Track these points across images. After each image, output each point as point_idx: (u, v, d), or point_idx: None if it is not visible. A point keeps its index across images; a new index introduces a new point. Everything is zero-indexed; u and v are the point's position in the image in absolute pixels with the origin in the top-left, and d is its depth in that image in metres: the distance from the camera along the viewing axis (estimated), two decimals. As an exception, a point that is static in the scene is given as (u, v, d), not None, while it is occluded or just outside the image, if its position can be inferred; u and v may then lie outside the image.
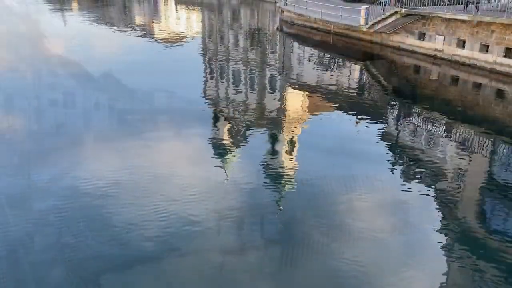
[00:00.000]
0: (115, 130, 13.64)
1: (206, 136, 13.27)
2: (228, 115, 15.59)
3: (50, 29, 36.39)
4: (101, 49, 28.18)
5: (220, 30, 37.42)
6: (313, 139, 13.33)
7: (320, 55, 26.47)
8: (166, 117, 14.97)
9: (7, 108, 15.68)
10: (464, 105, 17.13)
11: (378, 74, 22.16)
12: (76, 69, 21.54)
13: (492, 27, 19.24)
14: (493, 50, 19.50)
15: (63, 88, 17.93)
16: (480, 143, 13.46)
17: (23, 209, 9.14)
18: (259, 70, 22.08)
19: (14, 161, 11.38)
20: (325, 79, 20.56)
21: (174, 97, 17.06)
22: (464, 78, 19.97)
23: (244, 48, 28.85)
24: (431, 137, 13.60)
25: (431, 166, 11.30)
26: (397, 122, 15.30)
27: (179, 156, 11.89)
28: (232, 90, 18.84)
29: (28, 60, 23.85)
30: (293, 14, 33.99)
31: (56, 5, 60.35)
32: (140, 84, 18.66)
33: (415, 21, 23.11)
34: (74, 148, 12.15)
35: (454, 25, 21.05)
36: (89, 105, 15.90)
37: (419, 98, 17.76)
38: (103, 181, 10.14)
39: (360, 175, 10.83)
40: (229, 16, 46.98)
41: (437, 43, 22.19)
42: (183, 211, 8.97)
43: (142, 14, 49.92)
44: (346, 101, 17.07)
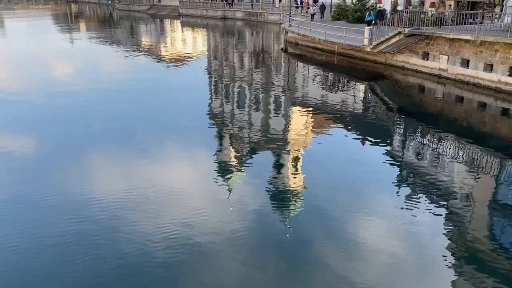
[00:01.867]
0: (120, 149, 13.66)
1: (211, 155, 13.26)
2: (233, 134, 15.61)
3: (58, 49, 36.97)
4: (107, 68, 28.52)
5: (225, 50, 37.85)
6: (318, 158, 13.27)
7: (325, 75, 26.64)
8: (171, 136, 15.00)
9: (14, 126, 15.80)
10: (470, 124, 17.08)
11: (382, 93, 22.21)
12: (82, 88, 21.79)
13: (496, 46, 19.34)
14: (497, 69, 19.55)
15: (69, 106, 18.13)
16: (487, 162, 13.35)
17: (24, 228, 9.10)
18: (264, 90, 22.22)
19: (18, 179, 11.41)
20: (330, 99, 20.62)
21: (179, 116, 17.13)
22: (469, 97, 19.98)
23: (249, 68, 29.11)
24: (437, 156, 13.52)
25: (438, 185, 11.20)
26: (403, 141, 15.26)
27: (183, 176, 11.86)
28: (237, 109, 18.93)
29: (36, 79, 24.16)
30: (297, 35, 34.39)
31: (64, 25, 61.49)
32: (145, 103, 18.85)
33: (418, 41, 23.29)
34: (79, 166, 12.17)
35: (458, 44, 21.18)
36: (95, 123, 15.98)
37: (424, 117, 17.74)
38: (107, 200, 10.13)
39: (367, 194, 10.75)
40: (234, 37, 47.56)
41: (441, 63, 22.30)
42: (188, 231, 8.91)
43: (148, 35, 50.65)
44: (351, 121, 17.07)
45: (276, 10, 56.99)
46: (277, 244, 8.66)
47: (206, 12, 65.98)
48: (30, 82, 23.58)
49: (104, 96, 20.36)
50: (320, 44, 30.86)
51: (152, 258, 8.08)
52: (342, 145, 14.54)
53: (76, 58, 32.93)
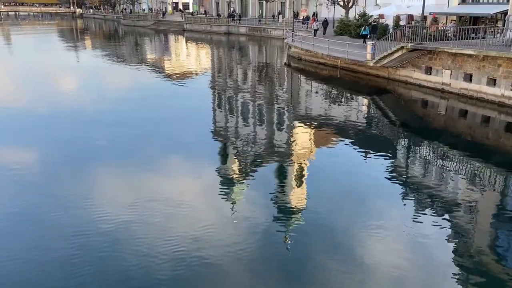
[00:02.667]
0: (124, 162, 13.67)
1: (215, 169, 13.25)
2: (237, 147, 15.62)
3: (63, 64, 37.37)
4: (112, 83, 28.77)
5: (229, 65, 38.13)
6: (322, 172, 13.23)
7: (328, 89, 26.74)
8: (175, 150, 15.02)
9: (18, 139, 15.89)
10: (473, 139, 17.03)
11: (386, 107, 22.23)
12: (87, 102, 21.95)
13: (499, 61, 19.39)
14: (500, 83, 19.56)
15: (74, 120, 18.24)
16: (491, 176, 13.26)
17: (27, 241, 9.08)
18: (268, 104, 22.29)
19: (21, 191, 11.43)
20: (333, 113, 20.66)
21: (183, 129, 17.19)
22: (472, 112, 19.96)
23: (252, 82, 29.27)
24: (441, 170, 13.46)
25: (443, 200, 11.13)
26: (406, 155, 15.21)
27: (187, 189, 11.84)
28: (241, 123, 18.97)
29: (41, 93, 24.37)
30: (300, 50, 34.64)
31: (70, 40, 62.23)
32: (150, 117, 18.93)
33: (421, 55, 23.39)
34: (83, 180, 12.19)
35: (461, 59, 21.25)
36: (99, 136, 16.04)
37: (427, 131, 17.70)
38: (111, 214, 10.12)
39: (371, 209, 10.68)
40: (237, 52, 47.95)
41: (444, 77, 22.35)
42: (192, 245, 8.86)
43: (153, 50, 51.15)
44: (355, 135, 17.06)
45: (279, 26, 57.55)
46: (281, 258, 8.58)
47: (210, 28, 66.69)
48: (35, 96, 23.78)
49: (108, 110, 20.48)
50: (323, 59, 31.05)
51: (156, 271, 8.03)
52: (346, 159, 14.49)
53: (81, 72, 33.24)
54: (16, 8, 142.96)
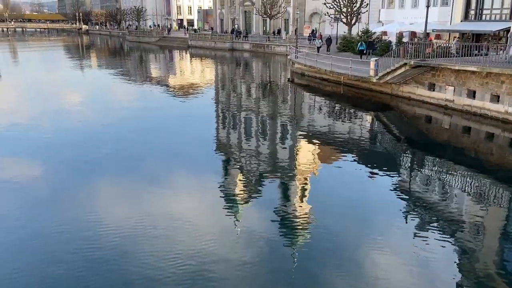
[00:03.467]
0: (128, 178, 13.70)
1: (218, 184, 13.22)
2: (240, 163, 15.61)
3: (68, 79, 37.72)
4: (117, 98, 28.96)
5: (233, 80, 38.37)
6: (326, 188, 13.19)
7: (331, 105, 26.82)
8: (178, 165, 15.04)
9: (24, 153, 15.97)
10: (478, 155, 16.97)
11: (389, 124, 22.24)
12: (92, 117, 22.10)
13: (502, 78, 19.42)
14: (504, 100, 19.56)
15: (78, 134, 18.35)
16: (496, 193, 13.17)
17: (31, 255, 9.06)
18: (271, 119, 22.35)
19: (26, 205, 11.44)
20: (337, 129, 20.67)
21: (187, 145, 17.22)
22: (476, 128, 19.92)
23: (256, 98, 29.40)
24: (445, 187, 13.38)
25: (447, 216, 11.04)
26: (410, 172, 15.15)
27: (190, 205, 11.83)
28: (244, 138, 19.00)
29: (47, 108, 24.55)
30: (303, 66, 34.87)
31: (76, 56, 62.92)
32: (154, 132, 19.00)
33: (424, 72, 23.47)
34: (87, 195, 12.22)
35: (464, 76, 21.31)
36: (104, 151, 16.10)
37: (432, 147, 17.65)
38: (115, 229, 10.11)
39: (375, 225, 10.61)
40: (241, 68, 48.30)
41: (447, 94, 22.38)
42: (196, 261, 8.82)
43: (157, 66, 51.61)
44: (359, 151, 17.04)
45: (282, 42, 58.05)
46: (285, 275, 8.51)
47: (214, 44, 67.34)
48: (41, 111, 23.96)
49: (113, 125, 20.60)
50: (326, 75, 31.21)
51: (160, 285, 7.97)
52: (350, 175, 14.44)
53: (86, 88, 33.53)
54: (23, 25, 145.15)
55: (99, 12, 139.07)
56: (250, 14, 76.97)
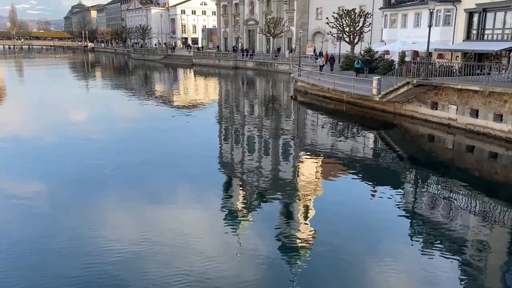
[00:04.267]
0: (131, 194, 13.71)
1: (221, 202, 13.18)
2: (243, 180, 15.57)
3: (73, 96, 38.04)
4: (121, 115, 29.11)
5: (236, 98, 38.58)
6: (329, 207, 13.10)
7: (334, 123, 26.85)
8: (181, 182, 15.04)
9: (27, 169, 16.01)
10: (482, 174, 16.87)
11: (392, 142, 22.21)
12: (96, 133, 22.17)
13: (505, 97, 19.44)
14: (507, 119, 19.54)
15: (82, 151, 18.41)
16: (501, 213, 13.05)
17: (33, 273, 9.00)
18: (274, 137, 22.38)
19: (28, 223, 11.41)
20: (340, 147, 20.65)
21: (190, 162, 17.21)
22: (479, 147, 19.86)
23: (259, 115, 29.50)
24: (449, 206, 13.27)
25: (452, 237, 10.92)
26: (414, 191, 15.06)
27: (193, 222, 11.78)
28: (247, 156, 18.99)
29: (51, 125, 24.70)
30: (306, 84, 35.07)
31: (81, 73, 63.54)
32: (157, 148, 19.05)
33: (427, 91, 23.54)
34: (90, 211, 12.20)
35: (466, 95, 21.35)
36: (107, 167, 16.12)
37: (435, 166, 17.57)
38: (117, 246, 10.07)
39: (379, 244, 10.50)
40: (245, 86, 48.62)
41: (450, 112, 22.39)
42: (198, 279, 8.73)
43: (162, 83, 52.01)
44: (362, 169, 16.97)
45: (286, 60, 58.52)
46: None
47: (218, 62, 67.97)
48: (45, 127, 24.12)
49: (116, 142, 20.68)
50: (328, 93, 31.34)
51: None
52: (353, 194, 14.37)
53: (91, 105, 33.76)
54: (30, 42, 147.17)
55: (105, 30, 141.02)
56: (253, 33, 77.84)
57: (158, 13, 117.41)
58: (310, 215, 12.52)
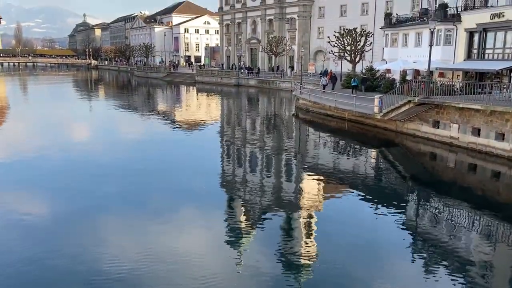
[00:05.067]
0: (133, 211, 13.68)
1: (223, 219, 13.13)
2: (245, 199, 15.52)
3: (76, 113, 38.24)
4: (123, 132, 29.19)
5: (238, 115, 38.71)
6: (331, 225, 13.01)
7: (336, 140, 26.87)
8: (183, 199, 15.01)
9: (31, 189, 16.02)
10: (485, 194, 16.77)
11: (394, 160, 22.17)
12: (98, 151, 22.25)
13: (506, 116, 19.46)
14: (509, 138, 19.52)
15: (84, 168, 18.42)
16: (505, 232, 12.93)
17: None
18: (276, 154, 22.37)
19: (29, 239, 11.35)
20: (341, 164, 20.61)
21: (192, 179, 17.21)
22: (482, 166, 19.80)
23: (261, 133, 29.55)
24: (453, 226, 13.16)
25: (456, 257, 10.80)
26: (417, 209, 14.97)
27: (195, 239, 11.71)
28: (249, 173, 18.96)
29: (54, 141, 24.75)
30: (308, 102, 35.22)
31: (84, 90, 64.00)
32: (159, 166, 19.05)
33: (428, 109, 23.60)
34: (91, 228, 12.17)
35: (468, 113, 21.38)
36: (109, 184, 16.12)
37: (437, 185, 17.50)
38: (120, 265, 10.00)
39: (382, 263, 10.39)
40: (247, 103, 48.84)
41: (452, 131, 22.40)
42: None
43: (165, 101, 52.30)
44: (364, 187, 16.91)
45: (287, 78, 58.93)
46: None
47: (220, 80, 68.47)
48: (48, 144, 24.16)
49: (118, 159, 20.70)
50: (330, 111, 31.45)
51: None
52: (355, 212, 14.29)
53: (94, 122, 33.92)
54: (34, 59, 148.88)
55: (108, 48, 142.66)
56: (256, 51, 78.62)
57: (162, 32, 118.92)
58: (312, 233, 12.43)
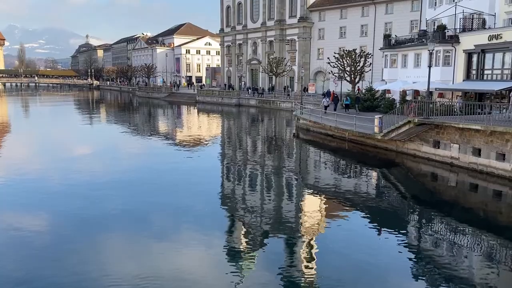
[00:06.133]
0: (133, 231, 13.61)
1: (223, 242, 13.03)
2: (245, 219, 15.42)
3: (77, 133, 38.35)
4: (124, 151, 29.22)
5: (239, 135, 38.79)
6: (332, 247, 12.90)
7: (336, 160, 26.85)
8: (183, 219, 14.92)
9: (30, 206, 15.96)
10: (486, 214, 16.66)
11: (395, 181, 22.11)
12: (99, 170, 22.23)
13: (507, 136, 19.49)
14: (510, 158, 19.51)
15: (85, 187, 18.39)
16: (507, 254, 12.79)
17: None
18: (277, 174, 22.33)
19: (30, 260, 11.26)
20: (342, 185, 20.55)
21: (192, 199, 17.14)
22: (483, 186, 19.72)
23: (261, 152, 29.57)
24: (455, 247, 13.04)
25: (458, 279, 10.67)
26: (418, 230, 14.86)
27: (195, 263, 11.61)
28: (249, 193, 18.89)
29: (54, 161, 24.78)
30: (308, 122, 35.36)
31: (85, 111, 64.32)
32: (160, 185, 19.02)
33: (429, 129, 23.66)
34: (92, 248, 12.09)
35: (468, 134, 21.42)
36: (109, 204, 16.07)
37: (439, 205, 17.40)
38: (118, 285, 9.87)
39: (384, 285, 10.24)
40: (247, 123, 48.99)
41: (452, 151, 22.40)
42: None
43: (165, 121, 52.49)
44: (365, 208, 16.81)
45: (288, 98, 59.28)
46: None
47: (221, 100, 68.88)
48: (49, 164, 24.22)
49: (120, 179, 20.67)
50: (331, 131, 31.54)
51: None
52: (356, 233, 14.17)
53: (94, 142, 33.98)
54: (36, 80, 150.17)
55: (110, 69, 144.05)
56: (256, 72, 79.35)
57: (163, 53, 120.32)
58: (313, 254, 12.31)
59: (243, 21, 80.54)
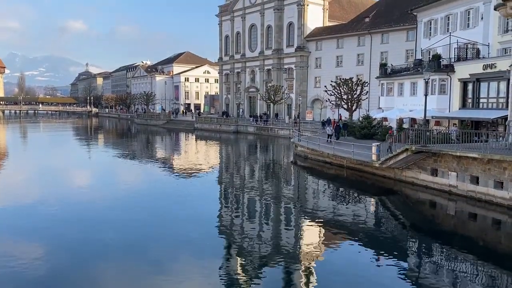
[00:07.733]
0: (130, 261, 13.46)
1: (221, 270, 12.86)
2: (243, 248, 15.25)
3: (75, 161, 38.30)
4: (121, 179, 29.13)
5: (237, 163, 38.78)
6: (330, 276, 12.75)
7: (335, 188, 26.78)
8: (181, 247, 14.77)
9: (27, 233, 15.80)
10: (486, 243, 16.54)
11: (394, 209, 22.01)
12: (96, 198, 22.10)
13: (504, 164, 19.55)
14: (507, 186, 19.50)
15: (82, 215, 18.26)
16: (508, 283, 12.63)
17: None
18: (274, 202, 22.22)
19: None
20: (341, 213, 20.43)
21: (190, 227, 17.02)
22: (482, 214, 19.65)
23: (259, 180, 29.49)
24: (455, 277, 12.89)
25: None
26: (417, 259, 14.69)
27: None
28: (247, 221, 18.74)
29: (52, 189, 24.67)
30: (306, 149, 35.45)
31: (84, 138, 64.40)
32: (157, 213, 18.90)
33: (426, 157, 23.72)
34: (90, 277, 11.90)
35: (466, 161, 21.48)
36: (107, 232, 15.93)
37: (438, 234, 17.28)
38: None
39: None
40: (245, 150, 49.07)
41: (450, 179, 22.40)
42: None
43: (163, 148, 52.54)
44: (364, 236, 16.68)
45: (285, 126, 59.62)
46: None
47: (220, 127, 69.21)
48: (46, 192, 24.11)
49: (117, 206, 20.59)
50: (329, 158, 31.59)
51: None
52: (355, 262, 14.02)
53: (91, 169, 33.92)
54: (35, 107, 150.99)
55: (109, 96, 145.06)
56: (254, 99, 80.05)
57: (162, 81, 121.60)
58: (311, 283, 12.16)
59: (241, 50, 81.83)
